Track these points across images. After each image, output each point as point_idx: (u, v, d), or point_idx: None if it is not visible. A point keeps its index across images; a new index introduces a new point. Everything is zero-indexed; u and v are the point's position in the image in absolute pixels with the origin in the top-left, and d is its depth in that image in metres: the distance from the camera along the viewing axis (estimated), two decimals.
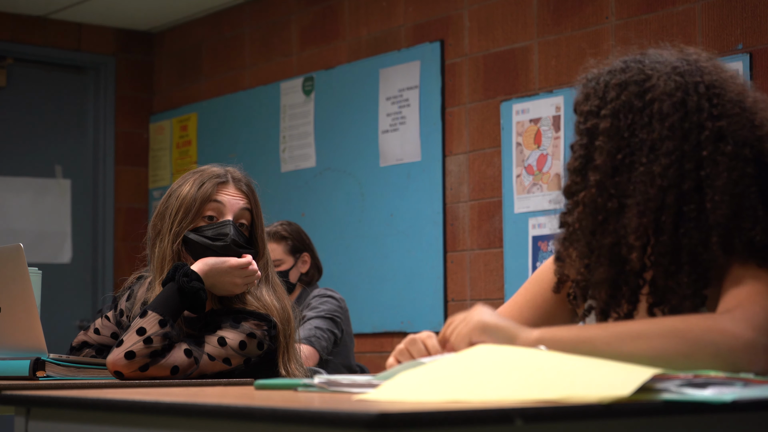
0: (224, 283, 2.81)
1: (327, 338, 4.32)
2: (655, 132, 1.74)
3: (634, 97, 1.78)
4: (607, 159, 1.76)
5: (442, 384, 1.42)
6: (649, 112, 1.76)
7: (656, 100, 1.76)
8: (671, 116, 1.74)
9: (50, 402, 1.70)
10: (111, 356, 2.68)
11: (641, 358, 1.55)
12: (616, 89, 1.79)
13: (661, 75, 1.78)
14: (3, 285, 2.78)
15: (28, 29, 6.57)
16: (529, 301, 2.03)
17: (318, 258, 4.61)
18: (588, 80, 1.86)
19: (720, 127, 1.74)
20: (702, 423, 1.42)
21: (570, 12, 4.77)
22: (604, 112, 1.79)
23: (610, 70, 1.84)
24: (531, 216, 4.84)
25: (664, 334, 1.58)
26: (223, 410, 1.39)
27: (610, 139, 1.77)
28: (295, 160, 5.97)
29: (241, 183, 2.91)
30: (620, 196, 1.75)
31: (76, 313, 6.63)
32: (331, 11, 5.86)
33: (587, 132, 1.81)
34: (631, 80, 1.79)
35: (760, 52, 4.18)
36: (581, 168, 1.80)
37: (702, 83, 1.78)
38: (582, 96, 1.85)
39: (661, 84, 1.77)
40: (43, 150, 6.64)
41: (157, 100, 6.94)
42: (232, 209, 2.87)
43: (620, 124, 1.77)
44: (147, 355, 2.66)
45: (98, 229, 6.74)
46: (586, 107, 1.83)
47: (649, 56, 1.84)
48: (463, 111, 5.18)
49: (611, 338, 1.59)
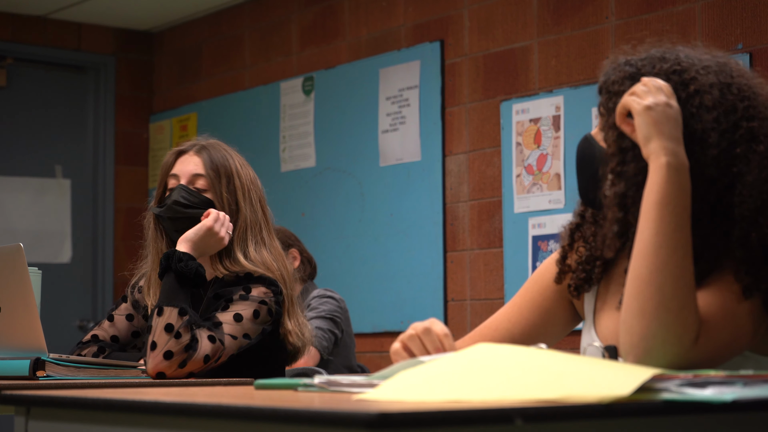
0: (211, 245, 2.88)
1: (327, 338, 4.32)
2: (701, 123, 1.75)
3: (678, 87, 1.78)
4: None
5: (442, 384, 1.42)
6: (694, 103, 1.76)
7: (699, 93, 1.77)
8: (714, 110, 1.76)
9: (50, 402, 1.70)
10: (151, 362, 2.72)
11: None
12: (660, 77, 1.79)
13: (699, 69, 1.79)
14: (3, 285, 2.78)
15: (28, 29, 6.57)
16: (528, 301, 2.03)
17: (307, 251, 4.60)
18: (622, 63, 1.85)
19: (752, 128, 1.77)
20: (702, 423, 1.42)
21: (570, 12, 4.77)
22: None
23: (647, 57, 1.84)
24: (531, 216, 4.84)
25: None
26: (223, 410, 1.39)
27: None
28: (295, 160, 5.97)
29: (202, 151, 2.99)
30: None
31: (76, 312, 6.63)
32: (331, 11, 5.86)
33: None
34: (671, 70, 1.80)
35: (760, 52, 4.18)
36: (631, 147, 1.77)
37: (734, 85, 1.80)
38: (617, 77, 1.83)
39: (701, 78, 1.78)
40: (43, 150, 6.64)
41: (156, 99, 6.94)
42: (183, 176, 2.95)
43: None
44: (182, 351, 2.71)
45: (98, 228, 6.74)
46: (622, 87, 1.81)
47: (682, 51, 1.85)
48: (463, 111, 5.18)
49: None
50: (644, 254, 1.67)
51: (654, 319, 1.64)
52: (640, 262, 1.67)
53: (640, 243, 1.68)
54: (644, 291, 1.65)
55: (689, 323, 1.64)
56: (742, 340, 1.72)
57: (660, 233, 1.67)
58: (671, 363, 1.63)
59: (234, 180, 2.99)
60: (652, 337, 1.63)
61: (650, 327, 1.64)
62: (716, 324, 1.68)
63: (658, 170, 1.69)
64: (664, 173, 1.68)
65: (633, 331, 1.65)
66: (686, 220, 1.68)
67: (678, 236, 1.66)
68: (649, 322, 1.64)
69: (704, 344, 1.66)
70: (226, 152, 3.03)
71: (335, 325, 4.38)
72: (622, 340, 1.67)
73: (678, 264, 1.65)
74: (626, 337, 1.66)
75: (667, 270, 1.65)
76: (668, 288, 1.65)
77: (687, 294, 1.65)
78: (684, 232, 1.67)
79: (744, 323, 1.71)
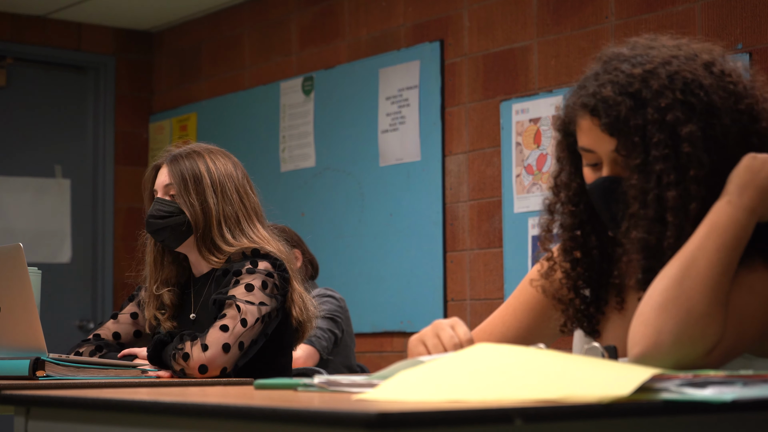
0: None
1: (327, 338, 4.32)
2: (719, 127, 1.75)
3: (687, 95, 1.75)
4: (703, 165, 1.75)
5: (441, 384, 1.42)
6: (702, 108, 1.75)
7: (705, 94, 1.76)
8: (725, 108, 1.76)
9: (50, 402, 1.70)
10: (209, 353, 2.78)
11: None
12: (665, 93, 1.74)
13: (684, 67, 1.77)
14: (3, 285, 2.78)
15: (28, 29, 6.57)
16: (522, 303, 2.02)
17: (310, 252, 4.61)
18: (615, 95, 1.77)
19: (750, 104, 1.76)
20: (702, 423, 1.42)
21: (570, 12, 4.77)
22: (670, 117, 1.73)
23: (633, 77, 1.77)
24: (531, 216, 4.84)
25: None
26: (223, 410, 1.39)
27: (697, 144, 1.75)
28: (295, 160, 5.97)
29: (172, 161, 3.12)
30: (713, 197, 1.74)
31: (75, 313, 6.63)
32: (330, 11, 5.86)
33: (664, 144, 1.73)
34: (669, 80, 1.76)
35: (760, 52, 4.18)
36: (677, 182, 1.73)
37: (709, 62, 1.78)
38: (625, 111, 1.75)
39: (698, 78, 1.76)
40: (43, 150, 6.64)
41: (156, 99, 6.94)
42: (159, 189, 3.12)
43: (695, 126, 1.74)
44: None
45: (98, 229, 6.74)
46: (639, 120, 1.74)
47: (643, 54, 1.82)
48: (462, 111, 5.18)
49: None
50: (680, 260, 1.66)
51: (673, 317, 1.61)
52: (675, 264, 1.66)
53: (680, 253, 1.67)
54: (671, 289, 1.63)
55: (708, 334, 1.62)
56: (747, 341, 1.70)
57: (702, 248, 1.66)
58: (677, 364, 1.61)
59: (203, 180, 3.09)
60: (666, 333, 1.61)
61: (667, 323, 1.61)
62: (726, 331, 1.66)
63: (718, 205, 1.70)
64: (721, 207, 1.69)
65: (648, 323, 1.62)
66: (734, 248, 1.67)
67: (721, 255, 1.65)
68: (668, 318, 1.61)
69: (716, 354, 1.64)
70: (197, 155, 3.14)
71: (335, 325, 4.38)
72: (632, 331, 1.64)
73: (714, 278, 1.64)
74: (639, 327, 1.63)
75: (699, 278, 1.64)
76: (696, 293, 1.63)
77: (715, 306, 1.63)
78: (728, 254, 1.66)
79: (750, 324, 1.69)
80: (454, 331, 1.81)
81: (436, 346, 1.80)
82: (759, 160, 1.72)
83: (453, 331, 1.81)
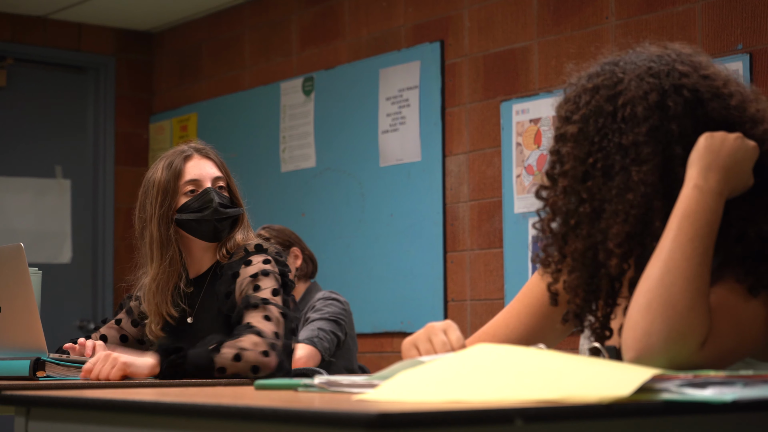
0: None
1: (329, 340, 4.32)
2: (630, 136, 1.72)
3: (604, 101, 1.76)
4: (576, 164, 1.76)
5: (442, 384, 1.42)
6: (621, 116, 1.74)
7: (628, 104, 1.74)
8: (647, 120, 1.72)
9: (50, 402, 1.70)
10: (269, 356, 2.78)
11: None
12: (589, 93, 1.78)
13: (633, 78, 1.76)
14: (3, 285, 2.78)
15: (28, 29, 6.57)
16: (526, 306, 2.02)
17: (308, 249, 4.61)
18: (569, 84, 1.85)
19: (700, 130, 1.73)
20: (702, 423, 1.42)
21: (570, 12, 4.77)
22: (575, 117, 1.77)
23: (588, 73, 1.83)
24: (531, 216, 4.83)
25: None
26: (223, 410, 1.39)
27: (577, 144, 1.76)
28: (295, 160, 5.97)
29: (205, 151, 3.11)
30: (596, 200, 1.74)
31: (76, 313, 6.63)
32: (331, 11, 5.86)
33: (559, 137, 1.80)
34: (603, 84, 1.78)
35: (760, 52, 4.18)
36: (552, 173, 1.80)
37: (685, 87, 1.75)
38: (561, 101, 1.84)
39: (632, 87, 1.75)
40: (43, 150, 6.64)
41: (156, 100, 6.94)
42: (207, 177, 3.05)
43: (589, 129, 1.76)
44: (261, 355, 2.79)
45: (98, 229, 6.74)
46: (561, 112, 1.82)
47: (627, 57, 1.82)
48: (463, 111, 5.18)
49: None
50: (658, 257, 1.66)
51: (659, 315, 1.62)
52: (654, 263, 1.66)
53: (657, 249, 1.68)
54: (653, 289, 1.64)
55: (696, 325, 1.62)
56: (748, 345, 1.70)
57: (677, 241, 1.66)
58: (672, 363, 1.61)
59: (231, 175, 3.14)
60: (655, 334, 1.61)
61: (654, 323, 1.62)
62: (722, 329, 1.66)
63: (685, 191, 1.69)
64: (689, 193, 1.68)
65: (637, 327, 1.63)
66: (707, 234, 1.66)
67: (695, 245, 1.65)
68: (654, 317, 1.62)
69: (710, 350, 1.64)
70: (214, 150, 3.15)
71: (338, 328, 4.38)
72: (624, 335, 1.65)
73: (692, 269, 1.64)
74: (629, 332, 1.64)
75: (678, 271, 1.64)
76: (677, 288, 1.63)
77: (697, 298, 1.63)
78: (702, 242, 1.66)
79: (750, 327, 1.69)
80: (446, 336, 1.81)
81: (428, 351, 1.80)
82: (717, 138, 1.71)
83: (445, 335, 1.81)
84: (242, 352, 2.74)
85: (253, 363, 2.74)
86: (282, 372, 2.80)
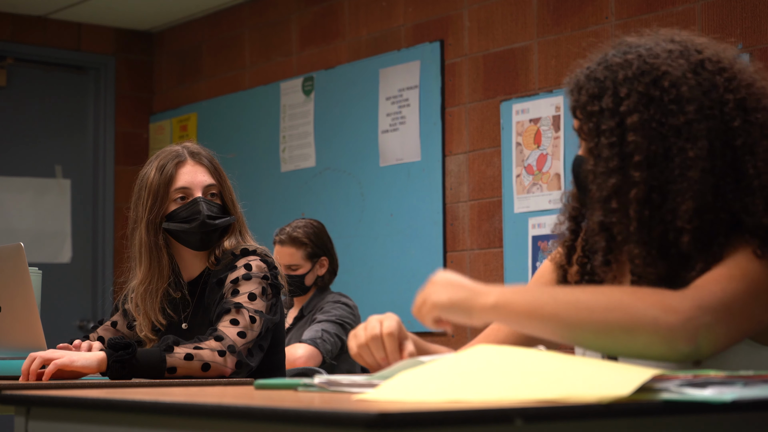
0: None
1: (333, 342, 4.31)
2: (682, 117, 1.75)
3: (650, 88, 1.77)
4: (646, 153, 1.76)
5: (442, 384, 1.42)
6: (669, 99, 1.76)
7: (673, 86, 1.76)
8: (693, 99, 1.75)
9: (50, 402, 1.70)
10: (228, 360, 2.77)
11: (585, 331, 1.60)
12: (627, 84, 1.79)
13: (664, 61, 1.78)
14: (3, 284, 2.78)
15: (28, 29, 6.57)
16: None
17: (336, 260, 4.60)
18: (586, 80, 1.84)
19: (741, 98, 1.77)
20: (702, 423, 1.42)
21: (570, 12, 4.77)
22: (624, 108, 1.77)
23: (607, 66, 1.83)
24: (531, 216, 4.84)
25: (609, 308, 1.60)
26: (223, 410, 1.39)
27: (642, 133, 1.76)
28: (295, 160, 5.97)
29: (199, 156, 3.03)
30: (662, 184, 1.75)
31: (76, 312, 6.63)
32: (331, 11, 5.86)
33: (611, 131, 1.79)
34: (639, 72, 1.79)
35: (760, 52, 4.18)
36: (619, 168, 1.77)
37: (707, 59, 1.79)
38: (586, 97, 1.83)
39: (671, 70, 1.77)
40: (43, 150, 6.64)
41: (157, 100, 6.94)
42: (199, 185, 2.99)
43: (646, 116, 1.77)
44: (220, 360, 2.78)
45: (98, 229, 6.74)
46: (596, 107, 1.81)
47: (637, 46, 1.83)
48: (462, 111, 5.18)
49: (559, 308, 1.62)
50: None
51: (635, 335, 1.60)
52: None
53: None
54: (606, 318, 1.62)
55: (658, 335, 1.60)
56: (766, 310, 1.69)
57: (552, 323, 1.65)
58: (682, 339, 1.59)
59: (226, 179, 3.10)
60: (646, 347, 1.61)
61: (638, 339, 1.60)
62: (715, 282, 1.66)
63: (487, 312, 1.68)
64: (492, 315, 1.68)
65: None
66: (552, 295, 1.66)
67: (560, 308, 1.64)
68: (635, 335, 1.60)
69: (730, 315, 1.62)
70: (208, 151, 3.11)
71: (344, 331, 4.36)
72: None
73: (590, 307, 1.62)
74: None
75: (592, 319, 1.62)
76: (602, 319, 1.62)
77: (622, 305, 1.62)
78: (556, 298, 1.65)
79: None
80: (379, 325, 1.82)
81: (358, 338, 1.82)
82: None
83: (378, 324, 1.82)
84: (195, 351, 2.72)
85: (206, 362, 2.72)
86: (246, 369, 2.79)
